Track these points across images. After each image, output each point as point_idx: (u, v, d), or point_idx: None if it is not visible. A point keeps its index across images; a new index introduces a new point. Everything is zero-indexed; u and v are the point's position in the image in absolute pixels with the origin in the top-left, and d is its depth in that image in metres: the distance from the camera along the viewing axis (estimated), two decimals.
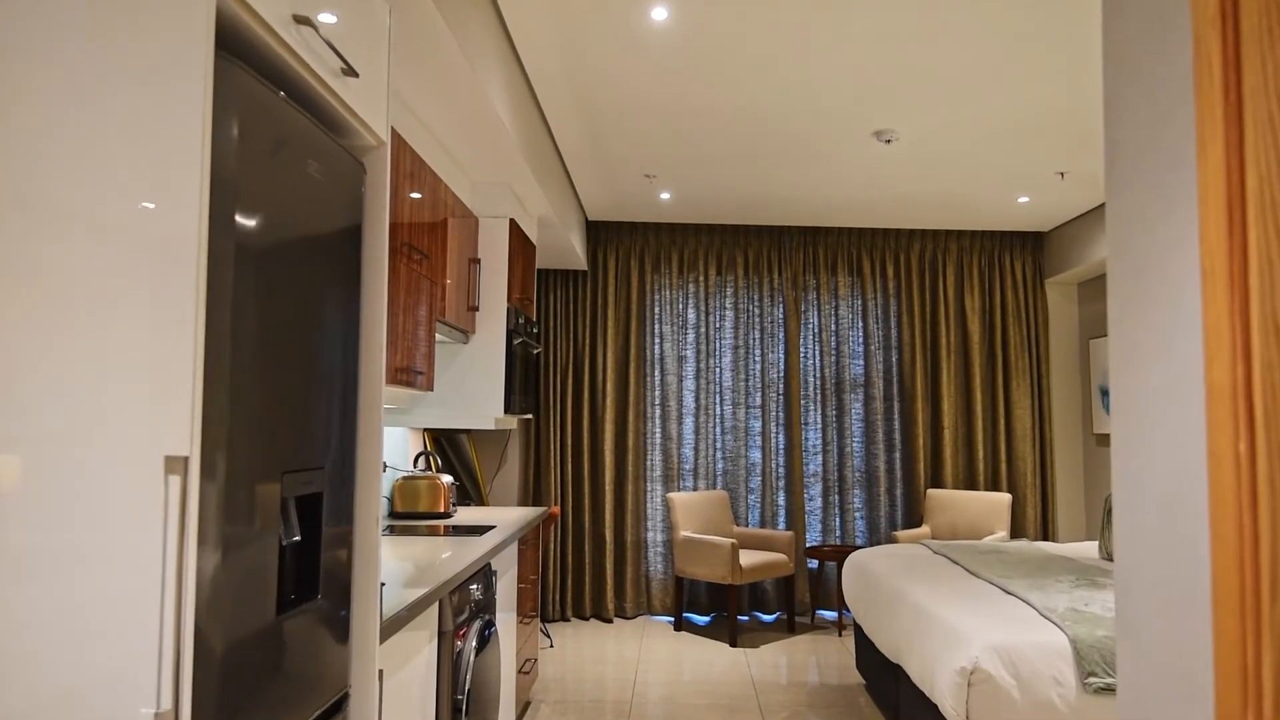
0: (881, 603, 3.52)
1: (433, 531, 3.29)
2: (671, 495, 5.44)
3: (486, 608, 2.76)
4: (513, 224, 3.70)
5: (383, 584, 2.17)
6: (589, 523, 5.69)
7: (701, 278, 5.91)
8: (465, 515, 3.75)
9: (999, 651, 2.58)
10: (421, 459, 4.24)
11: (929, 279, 6.00)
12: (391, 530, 3.27)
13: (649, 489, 5.81)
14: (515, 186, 3.69)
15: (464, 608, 2.47)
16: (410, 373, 2.66)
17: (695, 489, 5.80)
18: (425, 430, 4.51)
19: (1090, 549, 4.18)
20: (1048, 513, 5.89)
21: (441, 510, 3.66)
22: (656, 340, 5.88)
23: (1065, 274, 5.87)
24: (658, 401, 5.85)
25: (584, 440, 5.73)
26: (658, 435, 5.83)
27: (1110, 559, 3.86)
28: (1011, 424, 5.93)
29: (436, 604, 2.30)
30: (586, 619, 5.65)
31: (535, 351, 4.27)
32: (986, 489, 5.90)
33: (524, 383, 4.18)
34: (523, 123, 3.33)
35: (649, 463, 5.83)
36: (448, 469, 5.05)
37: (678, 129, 3.97)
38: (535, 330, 4.15)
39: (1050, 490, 5.90)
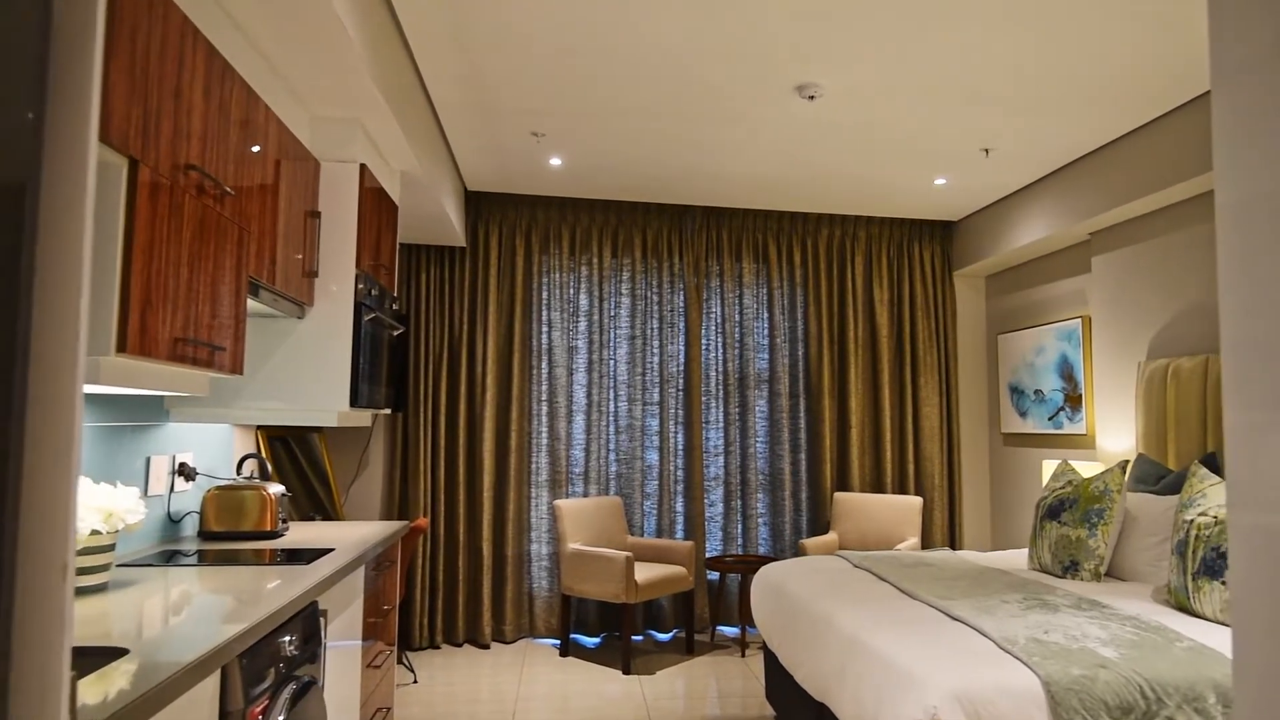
0: (803, 630, 3.02)
1: (257, 557, 2.56)
2: (559, 502, 4.82)
3: (307, 661, 2.07)
4: (365, 172, 3.00)
5: (123, 651, 1.46)
6: (464, 535, 4.99)
7: (595, 260, 5.31)
8: (300, 534, 3.02)
9: (960, 699, 2.09)
10: (250, 463, 3.47)
11: (837, 268, 5.61)
12: (202, 557, 2.52)
13: (533, 495, 5.17)
14: (368, 125, 2.99)
15: (265, 672, 1.78)
16: (197, 347, 1.95)
17: (586, 495, 5.20)
18: (259, 429, 3.73)
19: (1019, 559, 3.82)
20: (954, 517, 5.59)
21: (268, 528, 2.92)
22: (544, 328, 5.25)
23: (974, 266, 5.60)
24: (545, 397, 5.21)
25: (460, 441, 5.03)
26: (544, 435, 5.20)
27: (1043, 570, 3.50)
28: (919, 422, 5.61)
29: (217, 675, 1.61)
30: (460, 645, 4.95)
31: (397, 333, 3.57)
32: (893, 492, 5.55)
33: (386, 372, 3.47)
34: (374, 39, 2.65)
35: (534, 466, 5.18)
36: (296, 476, 4.27)
37: (571, 71, 3.36)
38: (396, 306, 3.45)
39: (958, 493, 5.61)
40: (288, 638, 1.93)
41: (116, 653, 1.45)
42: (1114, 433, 4.41)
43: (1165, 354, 4.05)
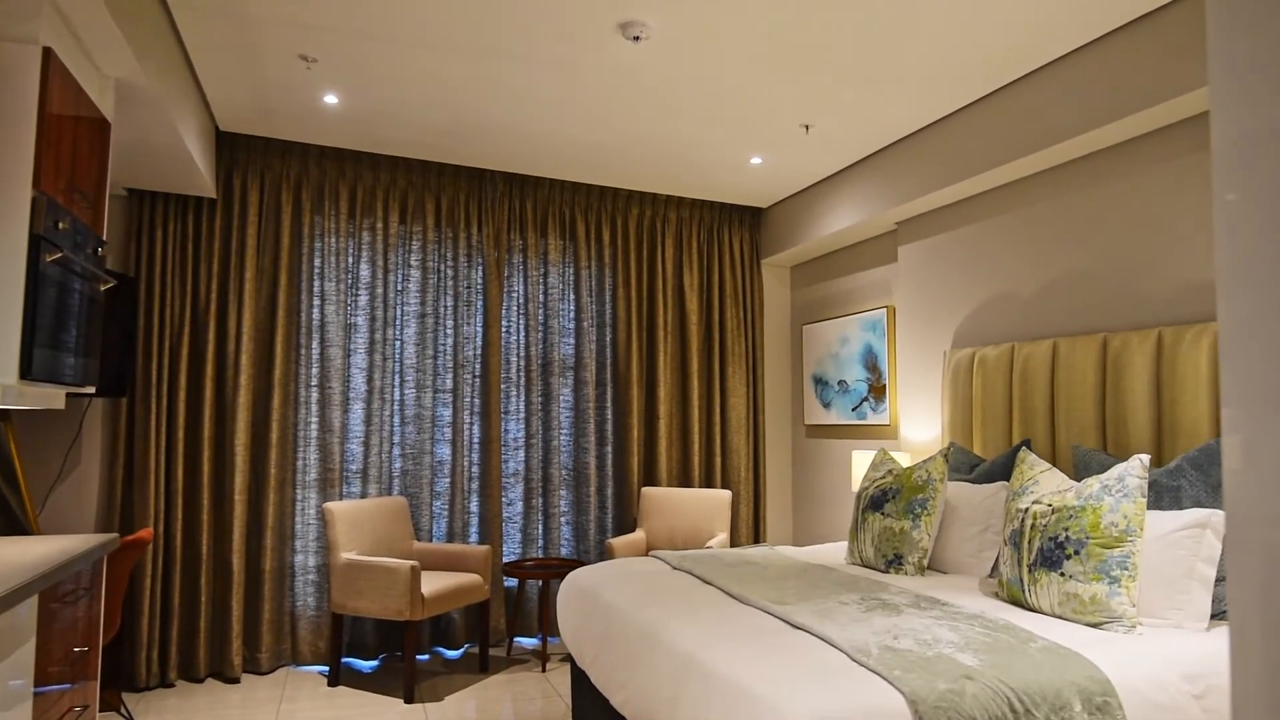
0: (623, 646, 2.60)
1: None
2: (330, 505, 4.09)
3: None
4: (52, 61, 2.20)
5: None
6: (209, 547, 4.13)
7: (380, 224, 4.62)
8: None
9: None
10: None
11: (647, 250, 5.29)
12: None
13: (299, 498, 4.39)
14: None
15: None
16: None
17: (364, 495, 4.49)
18: None
19: (837, 554, 3.65)
20: (759, 511, 5.46)
21: None
22: (316, 301, 4.48)
23: (780, 255, 5.49)
24: (315, 382, 4.45)
25: (204, 433, 4.15)
26: (314, 426, 4.43)
27: (865, 564, 3.32)
28: (727, 413, 5.41)
29: None
30: (201, 681, 4.08)
31: (107, 288, 2.74)
32: (700, 486, 5.32)
33: (96, 341, 2.64)
34: None
35: (300, 463, 4.40)
36: None
37: None
38: (100, 252, 2.62)
39: (763, 487, 5.47)
40: None
41: None
42: (918, 422, 4.39)
43: (970, 343, 4.05)
